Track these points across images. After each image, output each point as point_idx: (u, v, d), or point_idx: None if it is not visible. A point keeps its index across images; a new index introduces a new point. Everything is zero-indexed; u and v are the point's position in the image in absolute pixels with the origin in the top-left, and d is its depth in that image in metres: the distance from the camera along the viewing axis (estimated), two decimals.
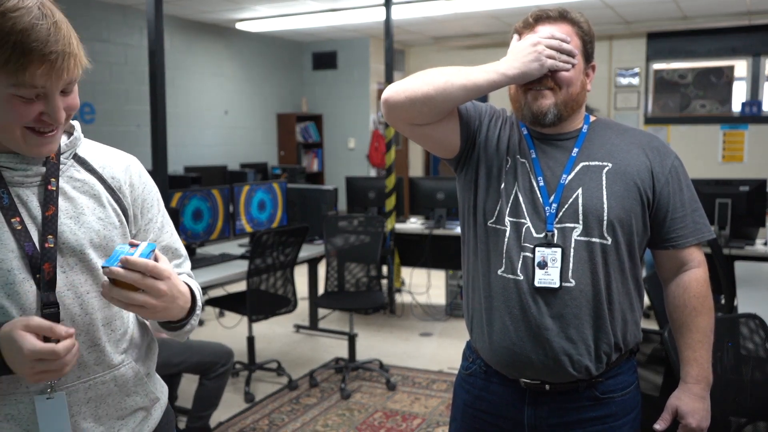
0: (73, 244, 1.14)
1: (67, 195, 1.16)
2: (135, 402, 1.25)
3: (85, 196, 1.18)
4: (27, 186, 1.13)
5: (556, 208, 1.43)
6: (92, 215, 1.17)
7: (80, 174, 1.19)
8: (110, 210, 1.19)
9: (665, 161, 1.48)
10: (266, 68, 8.83)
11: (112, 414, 1.21)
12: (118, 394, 1.22)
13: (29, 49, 1.00)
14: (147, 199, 1.28)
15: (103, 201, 1.19)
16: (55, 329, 1.03)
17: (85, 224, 1.15)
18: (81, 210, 1.16)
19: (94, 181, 1.20)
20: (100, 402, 1.19)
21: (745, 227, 4.32)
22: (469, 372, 1.58)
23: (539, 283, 1.41)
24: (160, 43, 3.53)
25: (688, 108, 8.34)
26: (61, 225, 1.13)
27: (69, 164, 1.18)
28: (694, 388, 1.49)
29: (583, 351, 1.41)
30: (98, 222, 1.17)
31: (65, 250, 1.13)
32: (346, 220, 4.51)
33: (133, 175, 1.26)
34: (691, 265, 1.51)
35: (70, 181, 1.17)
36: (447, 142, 1.51)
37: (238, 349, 4.02)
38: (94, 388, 1.18)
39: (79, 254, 1.14)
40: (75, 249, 1.14)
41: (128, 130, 6.83)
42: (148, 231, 1.29)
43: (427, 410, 3.65)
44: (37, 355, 1.01)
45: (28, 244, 1.09)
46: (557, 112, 1.43)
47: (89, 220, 1.16)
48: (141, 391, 1.26)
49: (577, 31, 1.46)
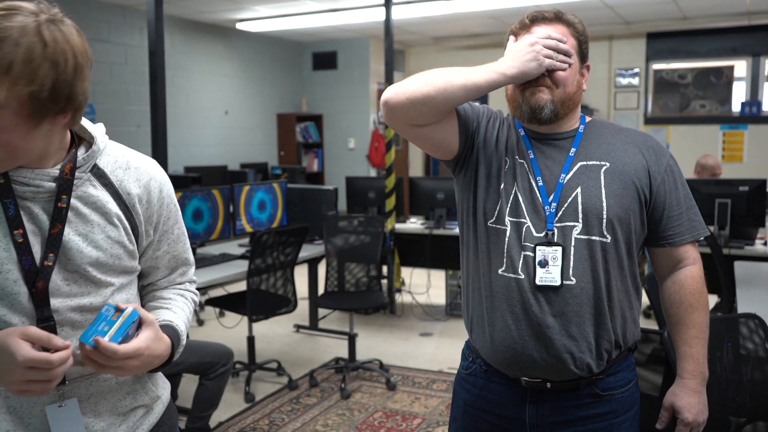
0: (78, 261, 1.14)
1: (79, 211, 1.15)
2: (135, 399, 1.26)
3: (97, 213, 1.17)
4: (37, 201, 1.12)
5: (555, 207, 1.44)
6: (101, 233, 1.17)
7: (95, 190, 1.17)
8: (121, 229, 1.19)
9: (661, 160, 1.50)
10: (266, 68, 8.83)
11: (112, 410, 1.22)
12: (118, 391, 1.23)
13: None
14: (164, 213, 1.28)
15: (113, 220, 1.18)
16: (53, 340, 1.04)
17: (93, 242, 1.15)
18: (91, 228, 1.16)
19: (108, 198, 1.18)
20: (101, 398, 1.20)
21: (744, 227, 4.32)
22: (469, 371, 1.58)
23: (540, 281, 1.41)
24: (160, 43, 3.54)
25: (688, 108, 8.34)
26: (70, 241, 1.13)
27: (85, 178, 1.17)
28: (690, 383, 1.50)
29: (584, 348, 1.42)
30: (106, 241, 1.17)
31: (69, 267, 1.13)
32: (346, 220, 4.52)
33: (152, 191, 1.25)
34: (686, 262, 1.53)
35: (84, 196, 1.16)
36: (446, 143, 1.52)
37: (238, 349, 4.02)
38: (95, 384, 1.19)
39: (83, 271, 1.15)
40: (79, 266, 1.14)
41: (128, 131, 6.84)
42: (161, 242, 1.30)
43: (427, 410, 3.66)
44: (30, 362, 1.01)
45: (26, 258, 1.09)
46: (554, 108, 1.45)
47: (98, 239, 1.16)
48: (141, 389, 1.27)
49: (572, 32, 1.48)
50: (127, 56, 6.85)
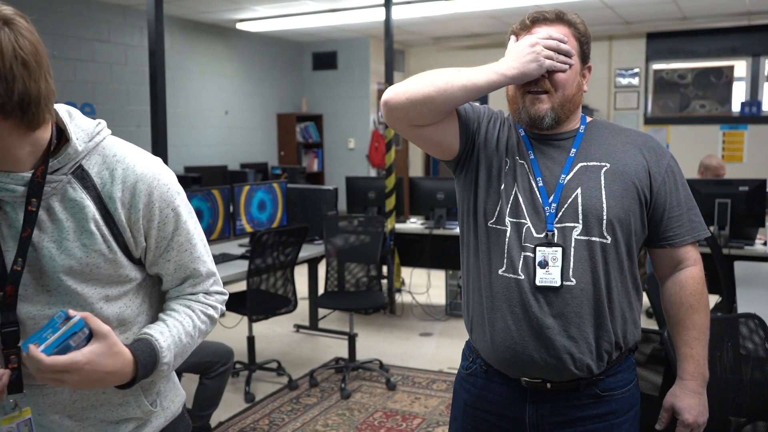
0: (50, 269, 1.11)
1: (55, 217, 1.11)
2: (126, 412, 1.23)
3: (73, 219, 1.11)
4: (12, 203, 1.09)
5: (555, 208, 1.44)
6: (76, 241, 1.11)
7: (75, 193, 1.12)
8: (98, 236, 1.12)
9: (661, 161, 1.49)
10: (266, 68, 8.83)
11: (101, 417, 1.21)
12: (107, 404, 1.21)
13: None
14: (156, 219, 1.18)
15: (90, 226, 1.12)
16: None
17: (66, 250, 1.11)
18: (65, 235, 1.11)
19: (87, 203, 1.12)
20: (86, 404, 1.19)
21: (744, 227, 4.32)
22: (470, 372, 1.58)
23: (540, 282, 1.41)
24: (160, 43, 3.54)
25: (688, 108, 8.34)
26: (43, 249, 1.10)
27: (65, 181, 1.12)
28: (690, 384, 1.50)
29: (584, 349, 1.42)
30: (81, 249, 1.11)
31: (40, 274, 1.11)
32: (346, 220, 4.52)
33: (138, 195, 1.15)
34: (687, 263, 1.52)
35: (62, 200, 1.12)
36: (446, 143, 1.52)
37: (238, 349, 4.02)
38: (83, 392, 1.18)
39: (56, 280, 1.11)
40: (50, 275, 1.11)
41: (128, 131, 6.83)
42: (164, 249, 1.21)
43: (427, 410, 3.66)
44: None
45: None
46: (554, 116, 1.45)
47: (71, 246, 1.11)
48: (133, 401, 1.23)
49: (574, 33, 1.47)
50: (127, 56, 6.85)
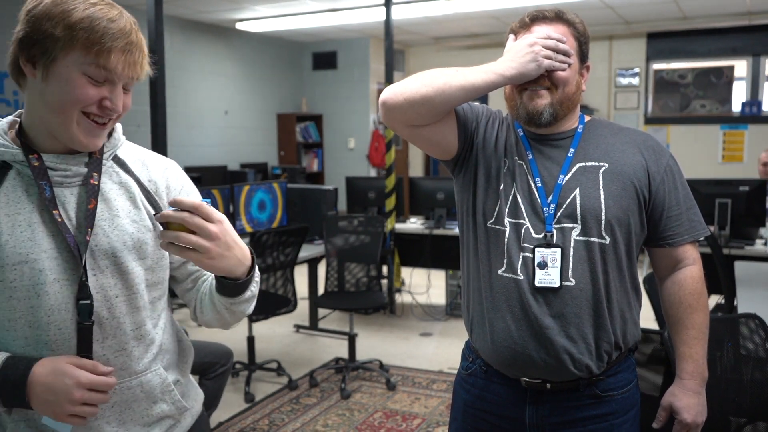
0: (105, 246, 1.14)
1: (104, 196, 1.16)
2: (162, 410, 1.23)
3: (122, 198, 1.18)
4: (66, 186, 1.14)
5: (554, 208, 1.44)
6: (127, 218, 1.17)
7: (118, 176, 1.20)
8: (144, 213, 1.19)
9: (660, 160, 1.49)
10: (266, 68, 8.83)
11: (137, 420, 1.20)
12: (144, 400, 1.21)
13: (116, 36, 1.08)
14: None
15: (138, 203, 1.19)
16: (98, 367, 1.10)
17: (118, 227, 1.15)
18: (116, 212, 1.16)
19: (132, 183, 1.21)
20: (125, 407, 1.18)
21: (744, 227, 4.32)
22: (469, 372, 1.58)
23: (540, 283, 1.41)
24: (161, 43, 3.54)
25: (688, 108, 8.34)
26: (96, 227, 1.13)
27: (108, 165, 1.20)
28: (689, 384, 1.50)
29: (583, 350, 1.42)
30: (132, 225, 1.17)
31: (97, 253, 1.13)
32: (346, 220, 4.51)
33: (170, 178, 1.27)
34: (686, 262, 1.52)
35: (108, 182, 1.18)
36: (445, 143, 1.51)
37: (238, 349, 4.02)
38: (119, 392, 1.17)
39: (111, 257, 1.14)
40: (107, 252, 1.14)
41: (128, 130, 6.71)
42: None
43: (427, 410, 3.65)
44: (93, 385, 1.08)
45: (70, 236, 1.11)
46: (553, 112, 1.44)
47: (123, 223, 1.16)
48: (168, 399, 1.24)
49: (573, 32, 1.47)
50: None
